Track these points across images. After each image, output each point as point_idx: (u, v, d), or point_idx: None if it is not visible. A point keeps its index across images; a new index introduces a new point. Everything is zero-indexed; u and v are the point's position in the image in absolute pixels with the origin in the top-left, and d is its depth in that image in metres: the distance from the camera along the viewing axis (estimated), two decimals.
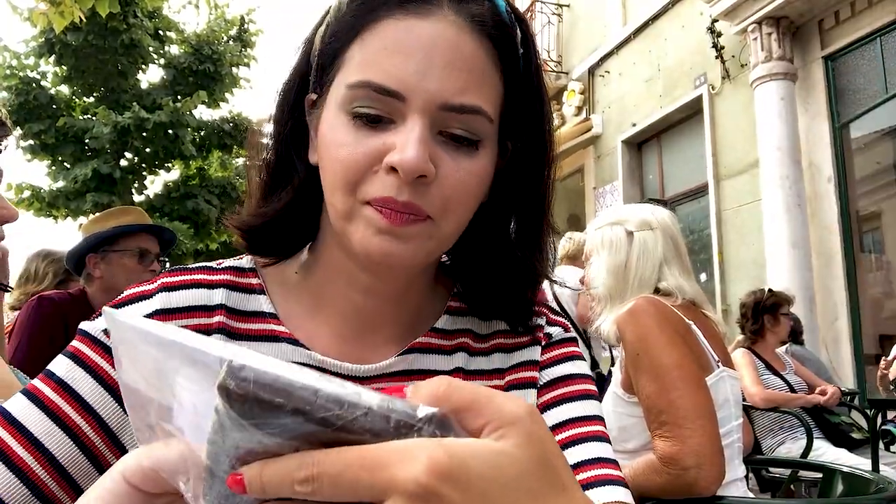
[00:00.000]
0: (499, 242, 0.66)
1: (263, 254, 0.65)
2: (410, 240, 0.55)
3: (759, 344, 3.62)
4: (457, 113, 0.55)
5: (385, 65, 0.54)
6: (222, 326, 0.62)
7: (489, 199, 0.64)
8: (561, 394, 0.67)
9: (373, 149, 0.54)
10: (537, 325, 0.71)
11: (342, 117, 0.56)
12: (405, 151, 0.52)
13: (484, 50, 0.56)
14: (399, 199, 0.53)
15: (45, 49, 10.84)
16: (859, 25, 5.69)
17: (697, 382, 1.38)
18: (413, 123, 0.54)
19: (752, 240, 6.41)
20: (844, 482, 1.55)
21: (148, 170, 12.02)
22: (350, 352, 0.64)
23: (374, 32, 0.55)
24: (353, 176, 0.55)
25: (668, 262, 1.61)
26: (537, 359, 0.69)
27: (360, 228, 0.56)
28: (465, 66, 0.55)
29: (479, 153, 0.57)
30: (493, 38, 0.57)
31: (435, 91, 0.54)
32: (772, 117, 5.95)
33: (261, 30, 12.77)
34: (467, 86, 0.55)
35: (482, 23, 0.56)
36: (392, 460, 0.28)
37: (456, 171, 0.56)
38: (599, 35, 8.99)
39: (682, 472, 1.29)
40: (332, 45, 0.59)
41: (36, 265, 2.73)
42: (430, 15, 0.55)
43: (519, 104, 0.62)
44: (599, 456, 0.63)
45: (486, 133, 0.58)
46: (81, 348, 0.59)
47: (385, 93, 0.54)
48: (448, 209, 0.56)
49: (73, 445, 0.56)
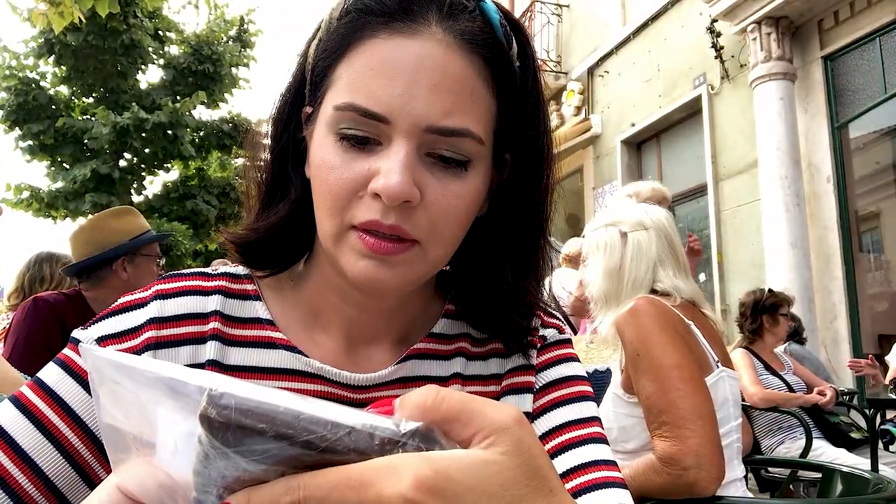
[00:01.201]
0: (494, 260, 0.65)
1: (259, 267, 0.65)
2: (397, 266, 0.55)
3: (757, 344, 3.62)
4: (444, 136, 0.54)
5: (370, 87, 0.53)
6: (216, 333, 0.61)
7: (488, 212, 0.63)
8: (557, 397, 0.67)
9: (359, 174, 0.54)
10: (532, 328, 0.70)
11: (330, 138, 0.55)
12: (389, 178, 0.51)
13: (474, 69, 0.55)
14: (385, 222, 0.53)
15: (44, 49, 10.85)
16: (858, 25, 5.70)
17: (697, 383, 1.37)
18: (398, 147, 0.53)
19: (751, 240, 6.42)
20: (843, 482, 1.55)
21: (147, 170, 12.02)
22: (348, 360, 0.64)
23: (359, 52, 0.54)
24: (339, 201, 0.54)
25: (662, 262, 1.61)
26: (533, 363, 0.69)
27: (346, 254, 0.55)
28: (453, 88, 0.53)
29: (467, 175, 0.56)
30: (485, 55, 0.55)
31: (420, 114, 0.52)
32: (771, 117, 5.95)
33: (260, 30, 12.78)
34: (454, 108, 0.53)
35: (472, 41, 0.55)
36: (377, 478, 0.28)
37: (443, 195, 0.55)
38: (599, 35, 9.00)
39: (681, 473, 1.29)
40: (322, 62, 0.58)
41: (49, 268, 2.77)
42: (416, 34, 0.53)
43: (515, 119, 0.60)
44: (598, 458, 0.62)
45: (476, 154, 0.56)
46: (73, 357, 0.59)
47: (370, 116, 0.53)
48: (436, 232, 0.55)
49: (60, 457, 0.55)
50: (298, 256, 0.66)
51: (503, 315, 0.66)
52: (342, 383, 0.62)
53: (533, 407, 0.67)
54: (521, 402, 0.67)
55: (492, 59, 0.56)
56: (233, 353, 0.61)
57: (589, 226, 1.76)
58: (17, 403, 0.56)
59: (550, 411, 0.66)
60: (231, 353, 0.61)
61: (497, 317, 0.67)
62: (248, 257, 0.64)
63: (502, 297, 0.65)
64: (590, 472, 0.61)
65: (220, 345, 0.61)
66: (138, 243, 2.25)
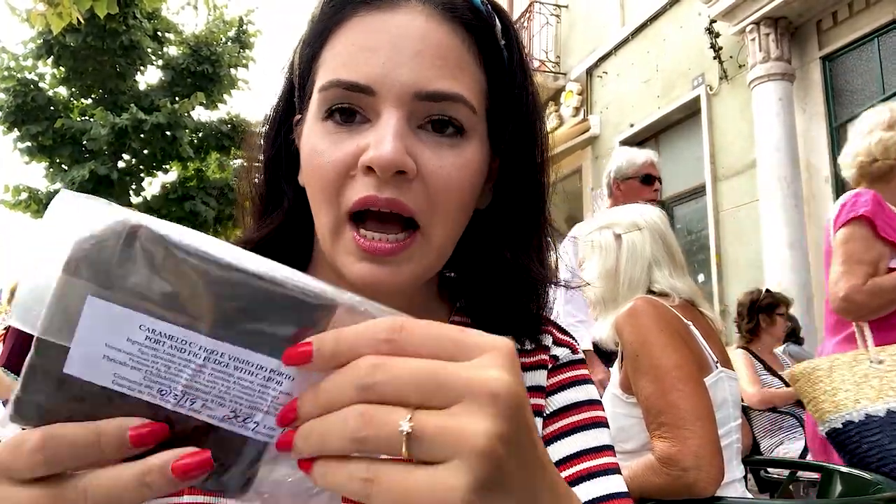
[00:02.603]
0: (498, 253, 0.62)
1: None
2: (396, 264, 0.53)
3: (755, 344, 3.63)
4: (433, 101, 0.52)
5: (352, 61, 0.52)
6: None
7: (487, 208, 0.61)
8: (569, 423, 0.64)
9: (347, 152, 0.52)
10: (543, 346, 0.67)
11: (317, 125, 0.54)
12: (379, 147, 0.49)
13: (458, 37, 0.54)
14: (381, 195, 0.50)
15: (43, 50, 10.84)
16: (857, 26, 5.70)
17: (696, 383, 1.38)
18: (387, 117, 0.51)
19: (750, 240, 6.42)
20: (843, 482, 1.55)
21: (146, 171, 12.01)
22: None
23: (341, 33, 0.54)
24: (331, 184, 0.52)
25: (657, 262, 1.61)
26: (543, 384, 0.65)
27: (343, 254, 0.53)
28: (438, 53, 0.52)
29: (463, 144, 0.54)
30: (468, 24, 0.54)
31: (406, 81, 0.51)
32: (769, 118, 5.96)
33: (259, 31, 12.77)
34: (442, 72, 0.52)
35: (453, 9, 0.54)
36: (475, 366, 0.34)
37: (439, 165, 0.52)
38: (597, 36, 9.00)
39: (681, 473, 1.29)
40: (306, 56, 0.57)
41: None
42: (397, 8, 0.53)
43: (506, 101, 0.58)
44: (613, 492, 0.60)
45: (470, 123, 0.54)
46: None
47: (355, 88, 0.51)
48: (436, 207, 0.53)
49: None
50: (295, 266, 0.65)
51: (513, 301, 0.63)
52: None
53: (543, 433, 0.64)
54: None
55: (475, 27, 0.55)
56: None
57: (586, 228, 1.77)
58: None
59: (562, 439, 0.63)
60: None
61: (507, 305, 0.64)
62: None
63: (504, 277, 0.62)
64: None
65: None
66: None
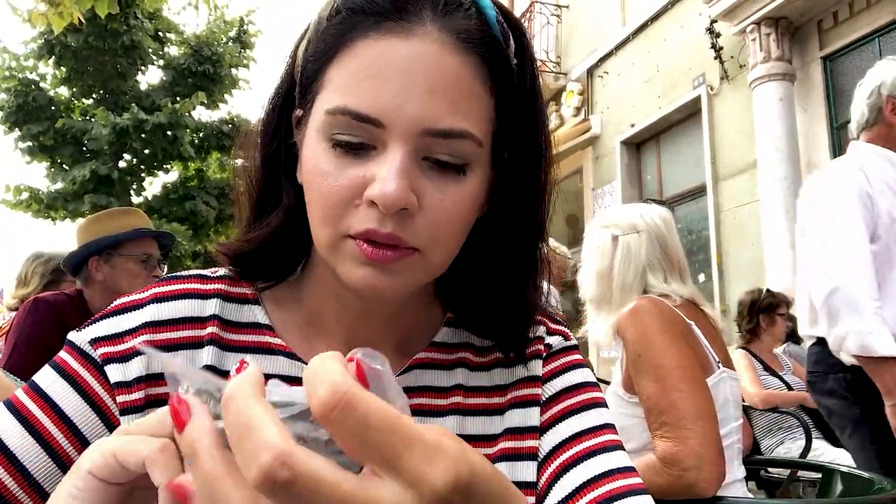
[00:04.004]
0: (491, 263, 0.62)
1: (255, 279, 0.63)
2: (397, 272, 0.53)
3: (755, 344, 3.63)
4: (441, 138, 0.51)
5: (362, 89, 0.51)
6: (214, 338, 0.60)
7: (487, 213, 0.61)
8: (566, 407, 0.64)
9: (353, 181, 0.52)
10: (537, 336, 0.68)
11: (322, 144, 0.53)
12: (385, 185, 0.49)
13: (471, 68, 0.53)
14: (382, 230, 0.51)
15: (44, 50, 10.84)
16: (858, 26, 5.70)
17: (698, 383, 1.37)
18: (394, 152, 0.50)
19: (751, 240, 6.42)
20: (843, 482, 1.55)
21: (146, 171, 12.01)
22: None
23: (350, 54, 0.52)
24: (333, 209, 0.52)
25: (652, 267, 1.60)
26: (538, 373, 0.66)
27: (344, 262, 0.54)
28: (450, 88, 0.51)
29: (466, 178, 0.54)
30: (482, 54, 0.53)
31: (416, 116, 0.50)
32: (770, 118, 5.96)
33: (260, 31, 12.76)
34: (452, 109, 0.51)
35: (468, 40, 0.52)
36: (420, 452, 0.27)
37: (441, 200, 0.53)
38: (598, 36, 9.00)
39: (682, 473, 1.29)
40: (312, 64, 0.56)
41: (26, 268, 2.71)
42: (410, 34, 0.51)
43: (513, 118, 0.58)
44: (614, 467, 0.60)
45: (475, 156, 0.54)
46: (67, 360, 0.58)
47: (363, 119, 0.50)
48: (436, 239, 0.53)
49: (50, 461, 0.54)
50: (295, 264, 0.65)
51: (500, 320, 0.64)
52: None
53: (541, 420, 0.64)
54: (528, 416, 0.64)
55: (489, 58, 0.54)
56: (230, 358, 0.60)
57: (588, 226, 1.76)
58: (10, 407, 0.56)
59: (560, 423, 0.64)
60: (229, 358, 0.60)
61: (495, 322, 0.64)
62: (243, 269, 0.62)
63: (499, 301, 0.63)
64: (607, 483, 0.58)
65: (217, 350, 0.60)
66: (107, 241, 2.17)
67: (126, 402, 0.56)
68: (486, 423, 0.64)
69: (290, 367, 0.61)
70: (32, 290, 2.62)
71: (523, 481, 0.62)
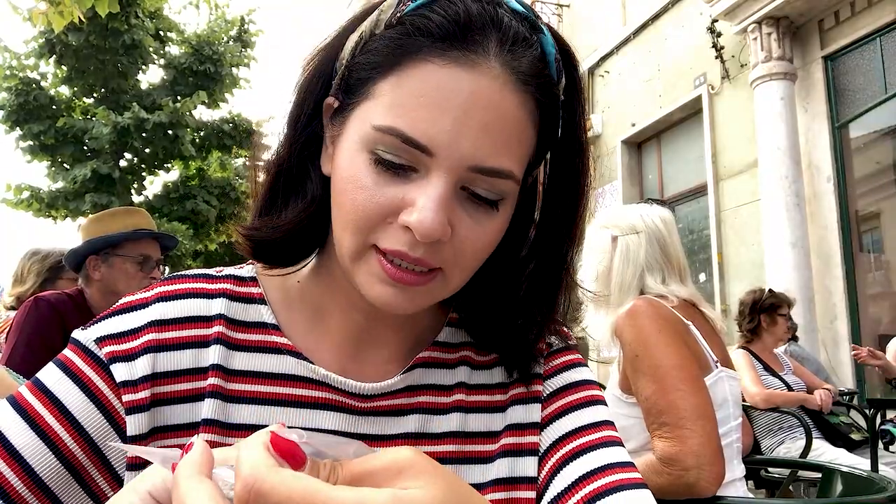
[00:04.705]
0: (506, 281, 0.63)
1: (270, 263, 0.63)
2: (415, 294, 0.54)
3: (756, 344, 3.62)
4: (486, 175, 0.52)
5: (418, 115, 0.50)
6: (220, 337, 0.60)
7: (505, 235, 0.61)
8: (565, 403, 0.66)
9: (391, 200, 0.52)
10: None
11: (364, 155, 0.52)
12: (424, 214, 0.50)
13: (526, 109, 0.53)
14: (412, 254, 0.52)
15: (45, 50, 10.84)
16: (859, 25, 5.69)
17: (697, 383, 1.37)
18: (437, 181, 0.51)
19: (752, 240, 6.41)
20: (843, 482, 1.55)
21: (147, 170, 12.02)
22: (353, 367, 0.63)
23: (411, 74, 0.51)
24: (366, 222, 0.52)
25: (650, 268, 1.60)
26: (540, 371, 0.67)
27: (364, 274, 0.54)
28: (505, 128, 0.51)
29: (499, 212, 0.55)
30: (538, 97, 0.54)
31: (466, 152, 0.50)
32: (771, 117, 5.95)
33: (261, 30, 12.77)
34: (502, 150, 0.52)
35: (527, 81, 0.52)
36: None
37: (473, 230, 0.54)
38: (599, 35, 8.99)
39: (682, 473, 1.29)
40: (365, 67, 0.54)
41: (22, 266, 2.70)
42: (474, 66, 0.50)
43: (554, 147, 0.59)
44: (611, 462, 0.61)
45: (510, 192, 0.55)
46: (72, 358, 0.58)
47: (413, 145, 0.50)
48: (459, 264, 0.55)
49: (55, 459, 0.54)
50: (309, 254, 0.65)
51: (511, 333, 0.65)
52: (348, 392, 0.61)
53: (541, 416, 0.65)
54: (529, 412, 0.65)
55: (543, 101, 0.54)
56: (237, 357, 0.60)
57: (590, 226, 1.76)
58: (14, 404, 0.56)
59: (559, 419, 0.65)
60: (235, 357, 0.60)
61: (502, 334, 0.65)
62: (262, 255, 0.62)
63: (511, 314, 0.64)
64: (604, 476, 0.59)
65: (224, 349, 0.60)
66: (104, 241, 2.16)
67: (132, 402, 0.56)
68: (488, 419, 0.65)
69: (297, 367, 0.61)
70: (29, 287, 2.61)
71: (524, 476, 0.63)
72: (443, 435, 0.63)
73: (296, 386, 0.60)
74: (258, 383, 0.60)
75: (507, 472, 0.62)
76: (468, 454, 0.63)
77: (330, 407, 0.61)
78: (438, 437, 0.63)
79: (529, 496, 0.62)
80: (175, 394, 0.58)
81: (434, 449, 0.62)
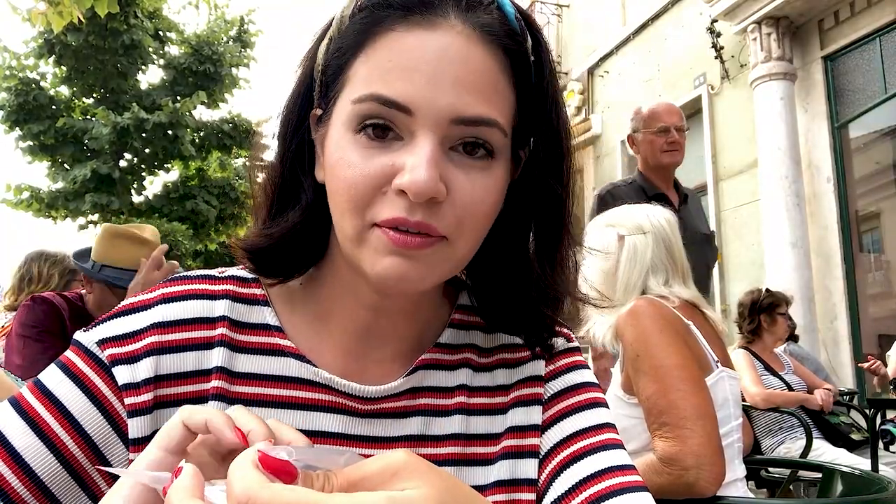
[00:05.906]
0: (514, 256, 0.63)
1: (271, 275, 0.62)
2: (424, 260, 0.53)
3: (756, 344, 3.62)
4: (471, 126, 0.52)
5: (391, 78, 0.51)
6: (224, 339, 0.60)
7: (503, 210, 0.61)
8: (567, 406, 0.66)
9: (381, 169, 0.52)
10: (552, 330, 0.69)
11: (348, 135, 0.53)
12: (415, 173, 0.50)
13: (495, 61, 0.54)
14: (411, 219, 0.51)
15: (44, 50, 10.86)
16: (859, 26, 5.70)
17: (697, 383, 1.37)
18: (423, 141, 0.51)
19: (752, 240, 6.42)
20: (844, 482, 1.55)
21: (147, 170, 12.03)
22: (355, 369, 0.62)
23: (378, 46, 0.53)
24: (361, 198, 0.52)
25: (654, 269, 1.59)
26: (541, 373, 0.67)
27: (369, 252, 0.53)
28: (477, 79, 0.52)
29: (492, 167, 0.55)
30: (504, 47, 0.54)
31: (445, 105, 0.51)
32: (771, 117, 5.95)
33: (260, 30, 12.79)
34: (479, 98, 0.52)
35: (492, 33, 0.54)
36: None
37: (470, 189, 0.53)
38: (599, 35, 9.00)
39: (682, 473, 1.29)
40: (336, 60, 0.56)
41: (38, 267, 2.73)
42: (436, 27, 0.52)
43: (533, 113, 0.59)
44: (613, 465, 0.61)
45: (500, 146, 0.55)
46: (74, 360, 0.58)
47: (393, 106, 0.51)
48: (463, 227, 0.54)
49: (55, 460, 0.54)
50: (310, 264, 0.64)
51: (528, 306, 0.64)
52: (351, 394, 0.61)
53: (543, 418, 0.65)
54: (530, 414, 0.65)
55: (511, 51, 0.55)
56: (240, 360, 0.60)
57: (591, 224, 1.75)
58: (16, 405, 0.56)
59: (561, 421, 0.65)
60: (239, 360, 0.60)
61: (521, 309, 0.65)
62: (260, 265, 0.62)
63: (529, 290, 0.63)
64: (606, 480, 0.59)
65: (228, 351, 0.60)
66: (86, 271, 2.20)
67: (134, 405, 0.56)
68: (489, 422, 0.65)
69: (300, 370, 0.61)
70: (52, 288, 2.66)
71: (525, 478, 0.63)
72: (445, 437, 0.63)
73: (299, 388, 0.60)
74: (262, 386, 0.60)
75: (508, 474, 0.63)
76: (470, 456, 0.63)
77: (333, 410, 0.61)
78: (441, 440, 0.63)
79: (530, 498, 0.62)
80: (179, 396, 0.58)
81: (436, 451, 0.62)
